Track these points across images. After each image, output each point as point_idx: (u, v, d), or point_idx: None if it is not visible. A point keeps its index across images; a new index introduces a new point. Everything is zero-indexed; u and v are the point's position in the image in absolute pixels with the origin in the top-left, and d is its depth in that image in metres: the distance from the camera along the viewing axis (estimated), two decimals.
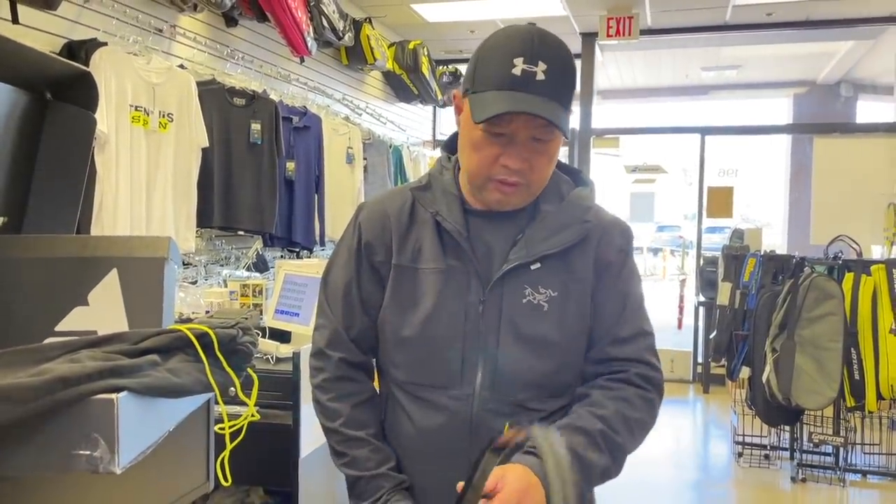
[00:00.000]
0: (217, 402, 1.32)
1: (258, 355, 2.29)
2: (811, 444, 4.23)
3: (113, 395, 0.93)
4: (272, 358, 2.28)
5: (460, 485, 1.06)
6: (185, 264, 3.39)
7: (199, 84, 3.24)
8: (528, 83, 1.12)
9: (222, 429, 1.40)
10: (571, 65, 1.18)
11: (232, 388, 1.22)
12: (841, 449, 4.20)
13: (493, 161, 1.17)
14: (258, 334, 2.34)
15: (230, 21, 3.76)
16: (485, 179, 1.20)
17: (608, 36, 5.86)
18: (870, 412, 4.01)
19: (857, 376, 3.82)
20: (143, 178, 2.92)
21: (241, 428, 1.44)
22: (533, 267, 1.22)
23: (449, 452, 1.23)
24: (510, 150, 1.16)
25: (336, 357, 1.32)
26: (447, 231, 1.25)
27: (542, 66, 1.12)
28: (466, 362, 1.23)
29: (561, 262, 1.24)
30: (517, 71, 1.12)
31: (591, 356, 1.28)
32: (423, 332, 1.25)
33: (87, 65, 2.67)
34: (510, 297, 1.22)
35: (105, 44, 2.79)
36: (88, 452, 0.91)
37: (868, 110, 9.87)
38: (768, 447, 4.54)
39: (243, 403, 1.40)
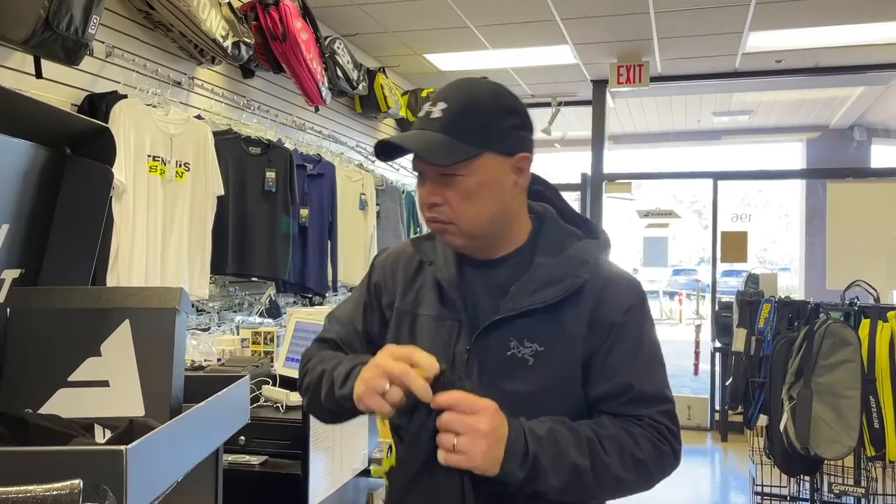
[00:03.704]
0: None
1: (268, 403, 2.29)
2: (832, 495, 4.12)
3: (122, 447, 0.94)
4: (282, 406, 2.28)
5: None
6: (199, 311, 3.41)
7: (215, 134, 3.31)
8: (424, 121, 1.20)
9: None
10: (480, 103, 1.20)
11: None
12: (862, 500, 4.10)
13: (422, 202, 1.25)
14: (269, 382, 2.36)
15: (247, 72, 3.85)
16: (427, 220, 1.26)
17: (619, 83, 5.94)
18: (891, 462, 3.92)
19: (876, 425, 3.74)
20: (158, 227, 2.97)
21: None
22: (520, 320, 1.21)
23: (434, 490, 1.23)
24: (422, 186, 1.23)
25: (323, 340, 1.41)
26: (440, 280, 1.28)
27: (440, 106, 1.19)
28: None
29: (551, 317, 1.21)
30: (421, 113, 1.22)
31: (604, 409, 1.23)
32: None
33: (107, 116, 2.74)
34: (494, 350, 1.21)
35: (125, 96, 2.86)
36: None
37: (882, 154, 9.85)
38: (788, 498, 4.44)
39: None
